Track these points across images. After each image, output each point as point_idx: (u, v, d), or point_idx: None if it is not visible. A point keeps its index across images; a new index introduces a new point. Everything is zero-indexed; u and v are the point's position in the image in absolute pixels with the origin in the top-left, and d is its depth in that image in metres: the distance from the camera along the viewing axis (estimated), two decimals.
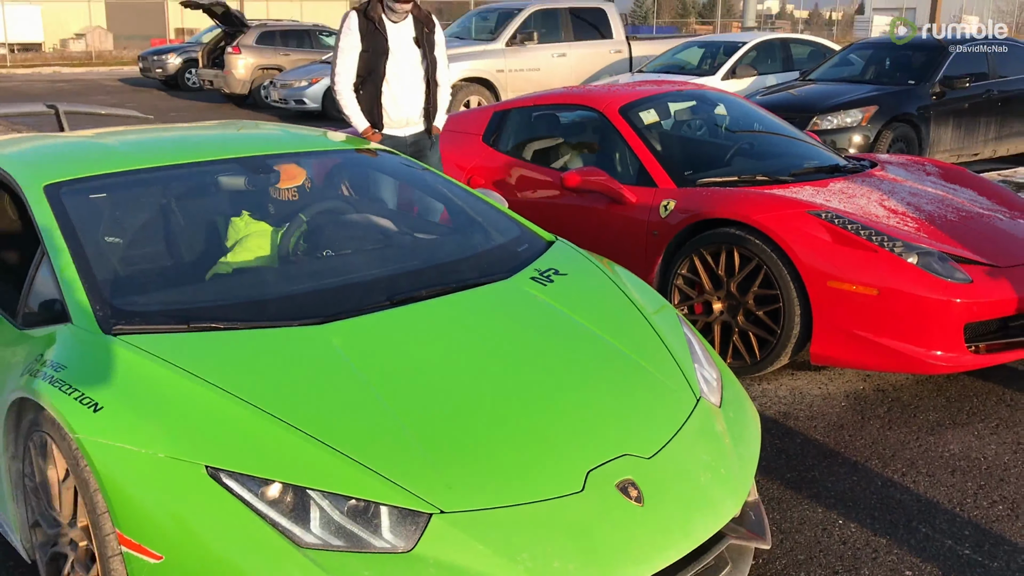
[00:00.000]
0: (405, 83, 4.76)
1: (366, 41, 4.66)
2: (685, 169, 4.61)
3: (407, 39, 4.73)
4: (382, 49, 4.67)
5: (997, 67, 9.46)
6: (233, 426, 2.03)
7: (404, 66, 4.72)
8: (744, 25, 26.65)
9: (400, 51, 4.71)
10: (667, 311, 2.93)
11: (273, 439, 2.01)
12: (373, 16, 4.64)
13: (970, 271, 3.77)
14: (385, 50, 4.67)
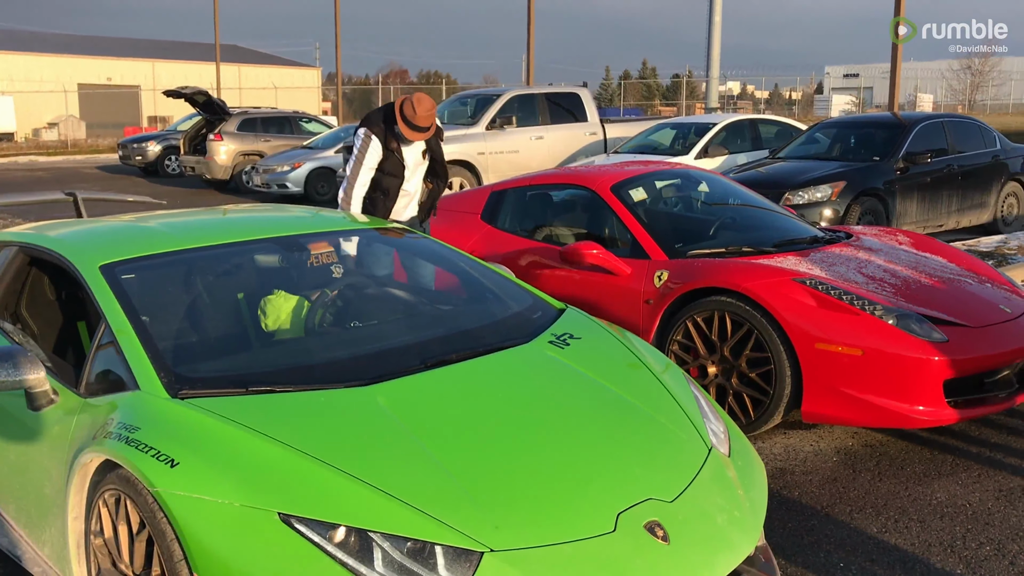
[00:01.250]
0: (411, 194, 5.16)
1: (383, 164, 4.99)
2: (675, 242, 4.92)
3: (418, 155, 5.08)
4: (397, 172, 5.03)
5: (955, 143, 10.00)
6: (300, 476, 2.23)
7: (412, 181, 5.11)
8: (707, 106, 27.65)
9: (411, 169, 5.08)
10: (674, 370, 3.18)
11: (336, 487, 2.21)
12: (393, 148, 4.95)
13: (946, 331, 4.06)
14: (400, 173, 5.03)
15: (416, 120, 4.75)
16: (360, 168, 4.95)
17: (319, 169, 15.78)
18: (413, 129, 4.78)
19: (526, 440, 2.53)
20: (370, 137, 4.92)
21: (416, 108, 4.75)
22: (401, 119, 4.79)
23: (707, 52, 31.73)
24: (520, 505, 2.29)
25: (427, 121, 4.78)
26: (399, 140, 4.93)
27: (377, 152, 4.93)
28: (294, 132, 19.01)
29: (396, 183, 5.05)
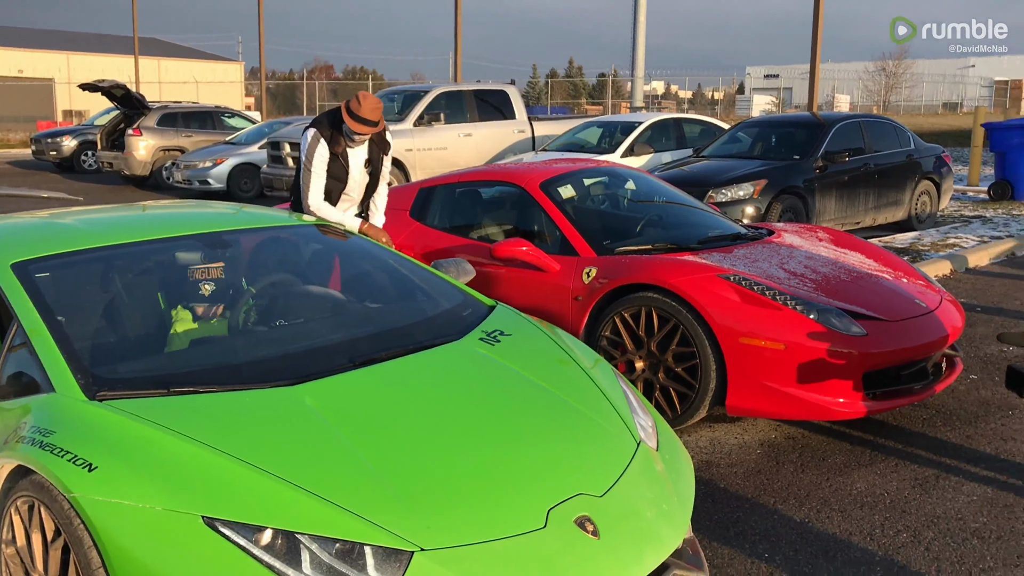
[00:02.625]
0: (353, 200, 5.10)
1: (328, 166, 4.93)
2: (603, 239, 4.96)
3: (361, 162, 5.03)
4: (341, 177, 4.97)
5: (872, 142, 10.31)
6: (224, 479, 2.17)
7: (354, 187, 5.06)
8: (632, 105, 27.98)
9: (354, 175, 5.03)
10: (603, 365, 3.20)
11: (262, 489, 2.16)
12: (337, 151, 4.89)
13: (864, 325, 4.18)
14: (343, 178, 4.98)
15: (361, 112, 4.71)
16: (311, 171, 4.88)
17: (242, 165, 15.48)
18: (357, 120, 4.73)
19: (457, 438, 2.52)
20: (318, 139, 4.86)
21: (361, 102, 4.73)
22: (346, 111, 4.75)
23: (632, 52, 32.14)
24: (451, 503, 2.28)
25: (371, 115, 4.74)
26: (346, 140, 4.88)
27: (324, 154, 4.87)
28: (216, 127, 18.60)
29: (339, 187, 5.01)
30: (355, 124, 4.74)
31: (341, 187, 5.02)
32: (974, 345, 5.75)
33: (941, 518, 3.48)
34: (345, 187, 5.03)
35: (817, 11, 14.72)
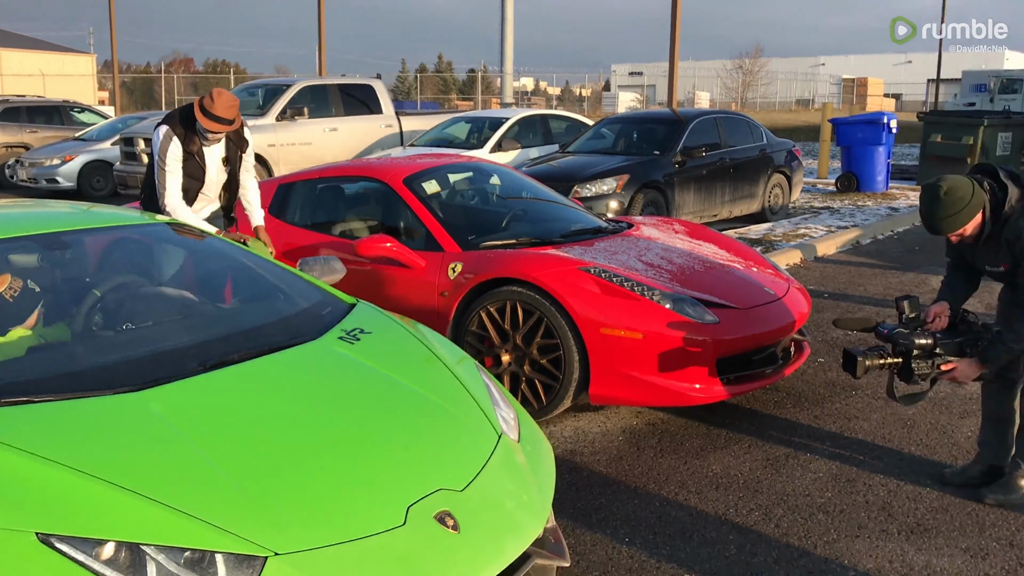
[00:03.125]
0: (209, 198, 4.94)
1: (184, 165, 4.73)
2: (468, 234, 4.97)
3: (218, 160, 4.87)
4: (197, 175, 4.79)
5: (727, 138, 10.73)
6: (59, 492, 2.06)
7: (211, 186, 4.89)
8: (502, 101, 28.18)
9: (212, 173, 4.86)
10: (466, 360, 3.21)
11: (102, 501, 2.06)
12: (192, 149, 4.71)
13: (717, 313, 4.35)
14: (200, 176, 4.80)
15: (214, 110, 4.55)
16: (165, 170, 4.68)
17: (94, 162, 14.73)
18: (210, 119, 4.56)
19: (313, 439, 2.47)
20: (170, 136, 4.66)
21: (215, 100, 4.56)
22: (199, 109, 4.58)
23: (501, 48, 32.32)
24: (306, 506, 2.23)
25: (225, 113, 4.58)
26: (200, 138, 4.70)
27: (177, 151, 4.68)
28: (65, 123, 17.62)
29: (196, 186, 4.83)
30: (208, 122, 4.58)
31: (198, 186, 4.86)
32: (821, 330, 6.07)
33: (790, 495, 3.66)
34: (202, 186, 4.87)
35: (675, 11, 15.19)
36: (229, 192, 5.02)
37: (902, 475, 3.82)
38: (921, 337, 3.47)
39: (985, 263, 3.47)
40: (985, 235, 3.35)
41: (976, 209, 3.28)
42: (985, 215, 3.31)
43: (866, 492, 3.67)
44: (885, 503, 3.57)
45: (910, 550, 3.21)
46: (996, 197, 3.30)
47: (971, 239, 3.40)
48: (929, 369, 3.48)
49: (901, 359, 3.50)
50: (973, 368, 3.41)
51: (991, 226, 3.32)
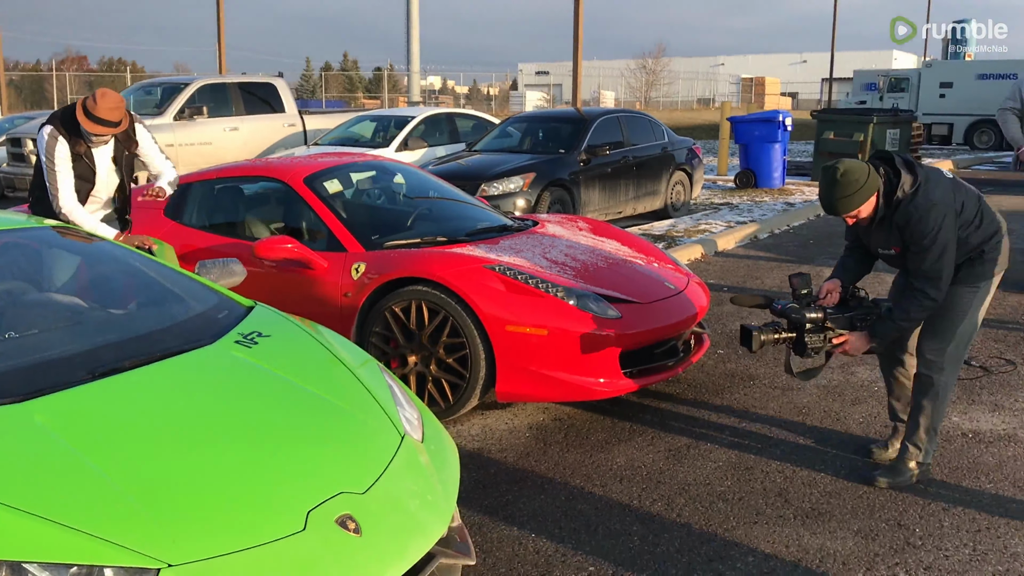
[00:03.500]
0: (100, 200, 4.77)
1: (74, 167, 4.55)
2: (372, 234, 4.92)
3: (108, 161, 4.69)
4: (87, 177, 4.61)
5: (630, 136, 10.91)
6: None
7: (102, 188, 4.72)
8: (409, 100, 28.02)
9: (102, 175, 4.69)
10: (368, 362, 3.18)
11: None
12: (80, 150, 4.53)
13: (620, 308, 4.42)
14: (91, 178, 4.63)
15: (97, 111, 4.37)
16: (55, 171, 4.48)
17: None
18: (93, 121, 4.39)
19: (208, 446, 2.41)
20: (55, 137, 4.47)
21: (98, 101, 4.39)
22: (82, 111, 4.40)
23: (407, 47, 32.14)
24: (201, 515, 2.17)
25: (110, 115, 4.41)
26: (86, 141, 4.52)
27: (65, 151, 4.49)
28: None
29: (87, 187, 4.64)
30: (91, 125, 4.41)
31: (89, 187, 4.68)
32: (721, 322, 6.23)
33: (692, 484, 3.74)
34: (93, 188, 4.69)
35: (577, 13, 15.38)
36: (122, 193, 4.86)
37: (798, 462, 3.95)
38: (812, 311, 3.62)
39: (878, 246, 3.62)
40: (879, 218, 3.50)
41: (870, 192, 3.42)
42: (879, 199, 3.46)
43: (763, 479, 3.78)
44: (782, 489, 3.69)
45: (805, 534, 3.33)
46: (891, 182, 3.46)
47: (865, 221, 3.55)
48: (821, 343, 3.63)
49: (795, 333, 3.64)
50: (863, 341, 3.60)
51: (884, 209, 3.47)
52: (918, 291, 3.45)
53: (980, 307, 3.61)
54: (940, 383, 3.63)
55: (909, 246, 3.45)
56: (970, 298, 3.57)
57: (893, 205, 3.45)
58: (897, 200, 3.44)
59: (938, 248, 3.39)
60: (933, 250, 3.39)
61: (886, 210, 3.47)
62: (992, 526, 3.36)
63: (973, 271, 3.55)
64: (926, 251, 3.40)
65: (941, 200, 3.41)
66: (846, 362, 5.28)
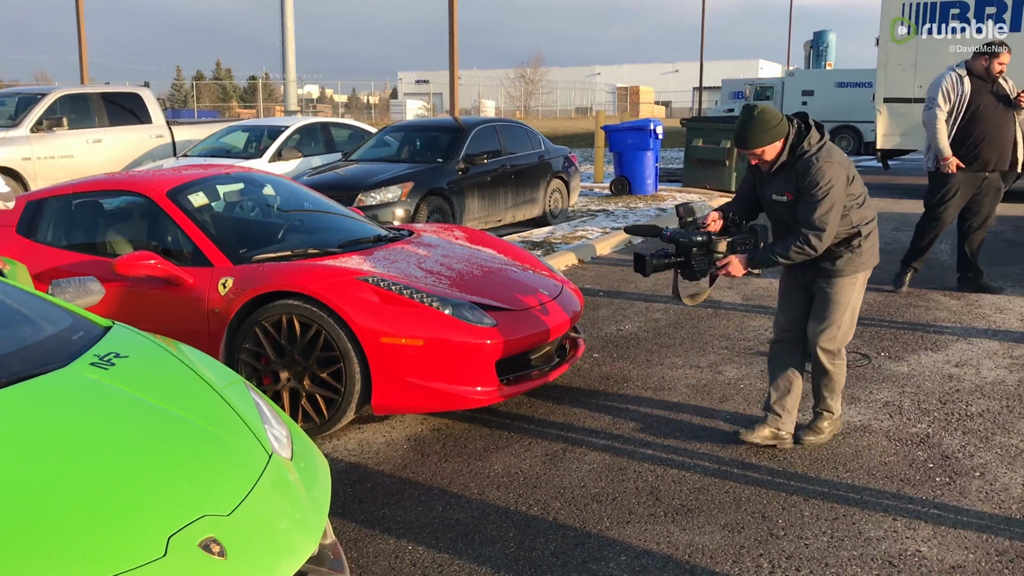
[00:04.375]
0: None
1: None
2: (240, 247, 4.80)
3: None
4: None
5: (507, 145, 11.01)
6: None
7: None
8: (286, 109, 27.47)
9: None
10: (233, 380, 3.09)
11: None
12: None
13: (495, 316, 4.45)
14: None
15: None
16: None
17: None
18: None
19: (59, 475, 2.29)
20: None
21: None
22: None
23: (282, 55, 31.48)
24: (53, 547, 2.07)
25: None
26: None
27: None
28: None
29: None
30: None
31: None
32: (597, 326, 6.35)
33: (567, 488, 3.80)
34: None
35: (452, 22, 15.43)
36: None
37: (668, 461, 4.07)
38: (698, 235, 3.98)
39: (773, 191, 3.96)
40: (778, 164, 3.87)
41: (779, 135, 3.81)
42: (785, 145, 3.84)
43: (636, 479, 3.88)
44: (653, 488, 3.79)
45: (675, 530, 3.42)
46: (800, 134, 3.84)
47: (766, 165, 3.92)
48: (707, 265, 4.00)
49: (683, 257, 4.00)
50: (742, 264, 3.96)
51: (788, 157, 3.85)
52: (802, 236, 3.79)
53: (859, 297, 4.04)
54: (836, 367, 4.09)
55: (802, 195, 3.79)
56: (850, 289, 3.98)
57: (797, 155, 3.82)
58: (802, 151, 3.80)
59: (828, 202, 3.74)
60: (824, 203, 3.74)
61: (789, 158, 3.84)
62: (848, 514, 3.54)
63: (851, 263, 3.94)
64: (818, 202, 3.74)
65: (839, 162, 3.81)
66: (715, 361, 5.47)
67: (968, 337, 5.96)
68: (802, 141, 3.82)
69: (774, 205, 3.98)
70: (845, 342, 4.08)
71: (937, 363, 5.40)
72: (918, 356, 5.55)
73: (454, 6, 15.39)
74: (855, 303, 4.02)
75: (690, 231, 4.02)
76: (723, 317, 6.61)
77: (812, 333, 4.06)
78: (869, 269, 4.04)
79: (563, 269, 8.55)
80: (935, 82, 6.96)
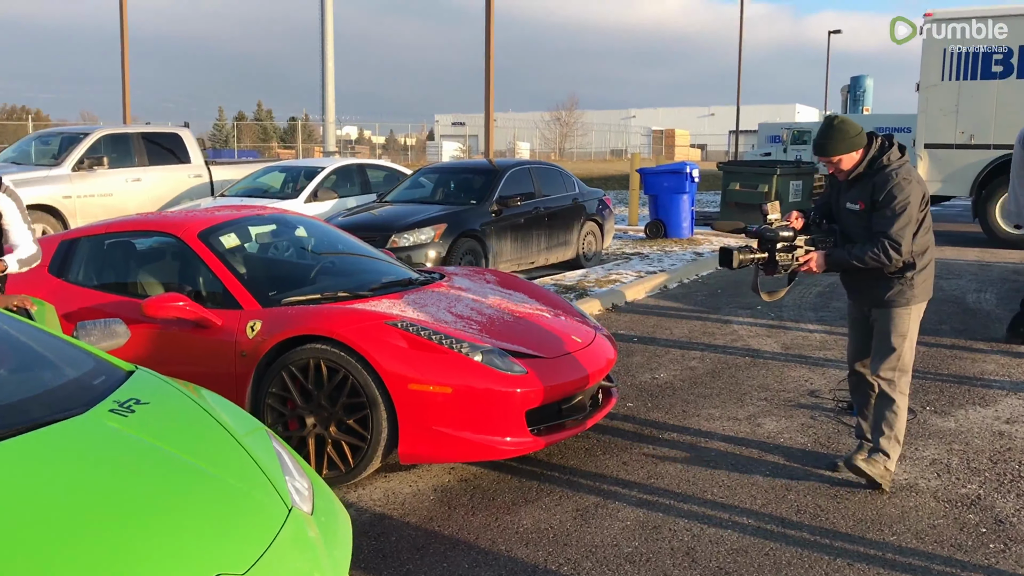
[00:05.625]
0: None
1: None
2: (269, 290, 4.75)
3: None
4: None
5: (541, 187, 10.97)
6: None
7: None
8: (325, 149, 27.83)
9: None
10: (256, 430, 3.00)
11: None
12: None
13: (526, 364, 4.34)
14: None
15: None
16: None
17: None
18: None
19: (73, 528, 2.20)
20: None
21: None
22: None
23: (322, 96, 31.97)
24: None
25: None
26: None
27: None
28: None
29: None
30: None
31: None
32: (631, 374, 6.21)
33: (599, 547, 3.64)
34: None
35: (488, 65, 15.55)
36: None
37: (705, 519, 3.90)
38: (784, 230, 4.08)
39: (847, 200, 4.07)
40: (855, 173, 4.00)
41: (857, 145, 3.96)
42: (864, 156, 3.97)
43: (671, 538, 3.71)
44: (689, 548, 3.62)
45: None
46: (882, 149, 3.98)
47: (843, 175, 4.05)
48: (790, 261, 4.10)
49: (766, 253, 4.10)
50: (822, 261, 4.08)
51: (864, 168, 3.98)
52: (880, 244, 3.88)
53: (915, 328, 4.09)
54: (898, 396, 4.09)
55: (879, 207, 3.90)
56: (905, 319, 4.04)
57: (876, 167, 3.94)
58: (882, 164, 3.93)
59: (906, 217, 3.86)
60: (902, 217, 3.85)
61: (867, 170, 3.97)
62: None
63: (903, 294, 4.02)
64: (896, 216, 3.86)
65: (918, 181, 3.94)
66: (753, 413, 5.30)
67: (1018, 392, 5.72)
68: (883, 155, 3.96)
69: (847, 214, 4.10)
70: (906, 372, 4.11)
71: (986, 419, 5.18)
72: (966, 411, 5.33)
73: (490, 50, 15.51)
74: (912, 334, 4.09)
75: (774, 226, 4.10)
76: (762, 367, 6.43)
77: (873, 362, 4.15)
78: (923, 303, 4.11)
79: (596, 314, 8.42)
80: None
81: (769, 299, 4.38)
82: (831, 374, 6.17)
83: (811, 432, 4.98)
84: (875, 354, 4.15)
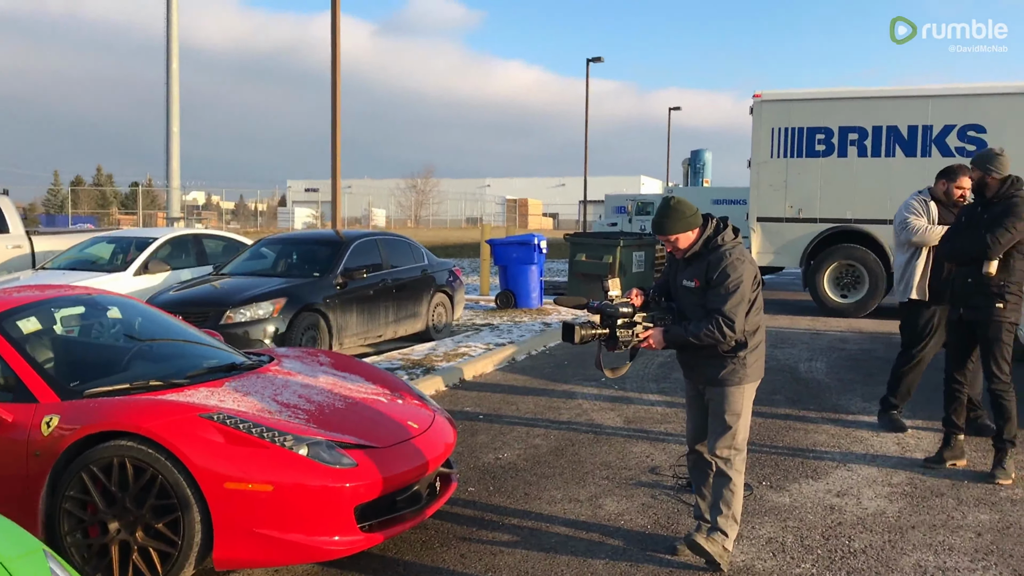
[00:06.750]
0: None
1: None
2: (71, 380, 4.32)
3: None
4: None
5: (389, 258, 10.78)
6: None
7: None
8: (169, 216, 26.71)
9: None
10: (31, 552, 2.62)
11: None
12: None
13: (355, 455, 4.07)
14: None
15: None
16: None
17: None
18: None
19: None
20: None
21: None
22: None
23: (166, 161, 30.79)
24: None
25: None
26: None
27: None
28: None
29: None
30: None
31: None
32: (475, 454, 6.02)
33: None
34: None
35: (335, 132, 15.37)
36: None
37: None
38: (624, 307, 4.15)
39: (684, 278, 4.17)
40: (692, 252, 4.11)
41: (693, 225, 4.08)
42: (700, 236, 4.09)
43: None
44: None
45: None
46: (717, 230, 4.11)
47: (679, 253, 4.16)
48: (630, 337, 4.14)
49: (607, 329, 4.14)
50: (660, 337, 4.14)
51: (702, 248, 4.09)
52: (714, 320, 3.97)
53: (748, 407, 4.17)
54: (734, 475, 4.12)
55: (713, 284, 4.00)
56: (739, 398, 4.11)
57: (711, 247, 4.06)
58: (716, 245, 4.06)
59: (739, 295, 3.97)
60: (736, 295, 3.96)
61: (703, 249, 4.09)
62: None
63: (736, 374, 4.09)
64: (730, 293, 3.96)
65: (751, 262, 4.08)
66: (595, 493, 5.19)
67: (847, 463, 5.88)
68: (717, 235, 4.08)
69: (683, 291, 4.19)
70: (741, 451, 4.15)
71: (819, 492, 5.27)
72: (799, 485, 5.41)
73: (336, 117, 15.36)
74: (746, 412, 4.16)
75: (615, 303, 4.16)
76: (604, 443, 6.38)
77: (709, 441, 4.18)
78: (755, 382, 4.18)
79: (444, 389, 8.22)
80: (903, 206, 6.48)
81: (612, 376, 4.38)
82: (671, 449, 6.18)
83: (651, 513, 4.92)
84: (711, 433, 4.18)
